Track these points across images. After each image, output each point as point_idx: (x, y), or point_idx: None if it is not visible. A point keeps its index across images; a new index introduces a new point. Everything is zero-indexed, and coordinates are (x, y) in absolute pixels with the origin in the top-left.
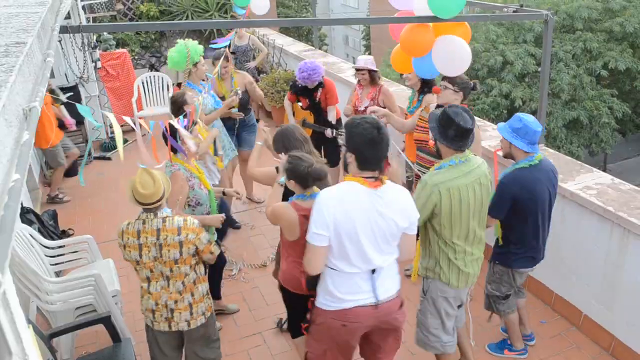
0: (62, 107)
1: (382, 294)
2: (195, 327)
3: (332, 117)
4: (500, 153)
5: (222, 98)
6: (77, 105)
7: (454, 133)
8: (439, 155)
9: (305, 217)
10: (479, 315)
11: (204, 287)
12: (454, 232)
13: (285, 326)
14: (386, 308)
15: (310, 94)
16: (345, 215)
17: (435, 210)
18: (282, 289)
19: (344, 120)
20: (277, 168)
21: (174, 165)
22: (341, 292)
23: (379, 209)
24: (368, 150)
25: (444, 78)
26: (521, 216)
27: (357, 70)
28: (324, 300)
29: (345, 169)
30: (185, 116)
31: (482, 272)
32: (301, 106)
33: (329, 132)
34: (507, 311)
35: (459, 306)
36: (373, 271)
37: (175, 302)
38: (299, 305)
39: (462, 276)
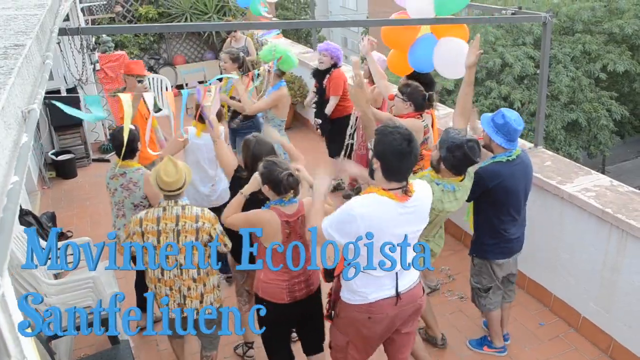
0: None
1: (402, 286)
2: (206, 317)
3: (328, 109)
4: (482, 142)
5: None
6: (86, 97)
7: (459, 161)
8: (436, 170)
9: (286, 222)
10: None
11: (215, 278)
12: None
13: (240, 350)
14: (408, 297)
15: (321, 79)
16: (378, 231)
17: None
18: (259, 303)
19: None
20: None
21: (140, 169)
22: (365, 290)
23: (407, 221)
24: (396, 161)
25: (398, 87)
26: (495, 208)
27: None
28: (348, 295)
29: (371, 175)
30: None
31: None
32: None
33: (312, 122)
34: (490, 307)
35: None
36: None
37: (188, 288)
38: (279, 316)
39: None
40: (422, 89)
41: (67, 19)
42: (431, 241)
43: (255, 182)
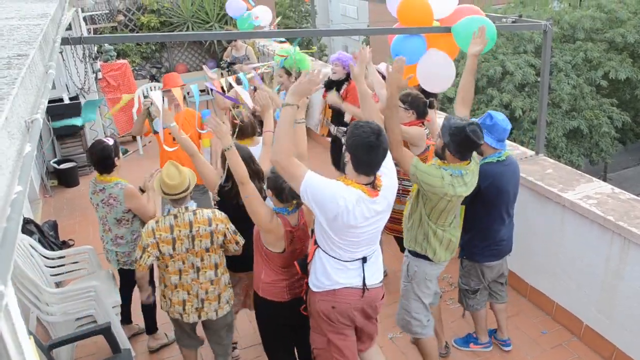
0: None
1: (369, 279)
2: (223, 315)
3: (347, 117)
4: None
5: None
6: (86, 102)
7: (462, 146)
8: (440, 157)
9: (290, 232)
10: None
11: (226, 277)
12: (439, 220)
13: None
14: (373, 294)
15: (337, 89)
16: (348, 224)
17: (431, 199)
18: (259, 303)
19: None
20: None
21: (118, 184)
22: (334, 274)
23: (376, 215)
24: (364, 155)
25: (402, 95)
26: (486, 209)
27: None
28: (315, 282)
29: (342, 169)
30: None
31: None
32: (328, 104)
33: (332, 129)
34: (477, 307)
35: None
36: (364, 260)
37: (206, 292)
38: (279, 316)
39: (450, 247)
40: (422, 96)
41: (69, 28)
42: (447, 231)
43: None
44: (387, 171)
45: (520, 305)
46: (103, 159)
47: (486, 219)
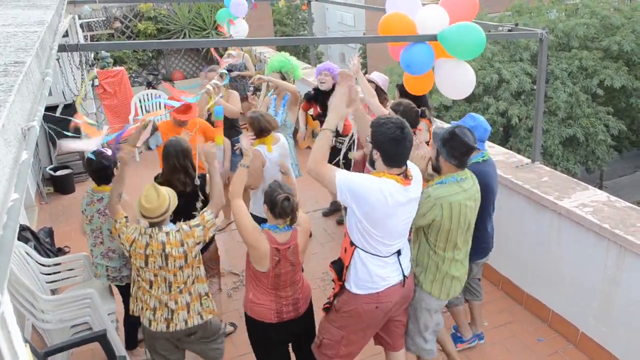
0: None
1: (406, 269)
2: (192, 325)
3: (340, 126)
4: None
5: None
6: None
7: (457, 150)
8: (437, 171)
9: (277, 250)
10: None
11: (201, 287)
12: (448, 244)
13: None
14: (409, 283)
15: (325, 99)
16: (387, 213)
17: (435, 223)
18: (249, 322)
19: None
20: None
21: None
22: (376, 275)
23: (409, 203)
24: (392, 148)
25: (391, 107)
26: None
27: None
28: (358, 282)
29: (372, 165)
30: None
31: None
32: (311, 115)
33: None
34: (457, 303)
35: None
36: (399, 252)
37: (176, 302)
38: (270, 335)
39: (445, 285)
40: (413, 106)
41: (66, 35)
42: (449, 264)
43: (257, 156)
44: (412, 165)
45: (516, 313)
46: (102, 169)
47: (478, 218)
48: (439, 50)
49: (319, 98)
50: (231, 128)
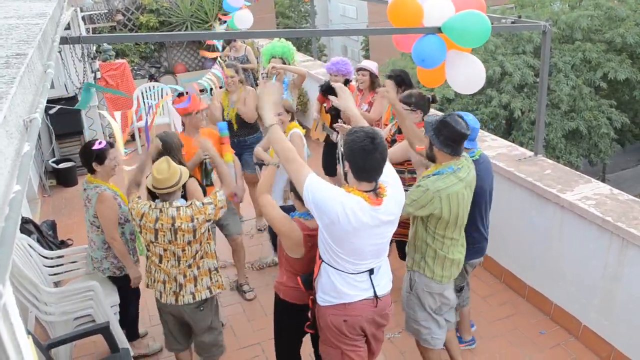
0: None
1: (380, 290)
2: (200, 299)
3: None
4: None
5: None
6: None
7: (450, 138)
8: (432, 160)
9: (309, 236)
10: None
11: (210, 262)
12: (447, 232)
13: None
14: (383, 303)
15: (336, 94)
16: (351, 232)
17: (434, 214)
18: (279, 304)
19: None
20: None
21: (98, 187)
22: (343, 288)
23: (379, 225)
24: (361, 160)
25: (401, 99)
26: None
27: (358, 70)
28: (324, 296)
29: (345, 178)
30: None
31: None
32: (325, 108)
33: (334, 136)
34: (463, 304)
35: (450, 307)
36: (371, 271)
37: (184, 275)
38: (299, 319)
39: (446, 268)
40: (424, 94)
41: (68, 27)
42: (448, 251)
43: (270, 173)
44: (392, 181)
45: (519, 306)
46: (85, 160)
47: (470, 219)
48: (449, 41)
49: (330, 92)
50: (247, 126)
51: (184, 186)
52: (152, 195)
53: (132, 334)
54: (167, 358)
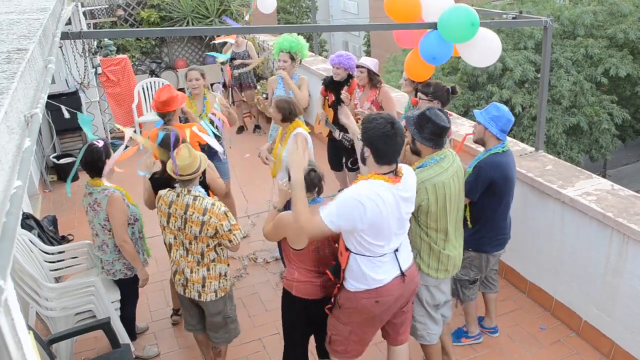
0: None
1: (404, 264)
2: (206, 301)
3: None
4: (472, 137)
5: (186, 120)
6: (78, 114)
7: (431, 132)
8: (417, 154)
9: None
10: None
11: (222, 267)
12: (439, 224)
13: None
14: (410, 275)
15: (338, 89)
16: (380, 215)
17: (422, 206)
18: (292, 303)
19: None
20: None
21: (106, 190)
22: (371, 273)
23: (400, 201)
24: (383, 145)
25: (419, 90)
26: (495, 198)
27: (357, 67)
28: (356, 284)
29: (364, 163)
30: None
31: None
32: (328, 102)
33: (337, 134)
34: (472, 297)
35: (446, 302)
36: (396, 250)
37: (191, 271)
38: (312, 312)
39: (442, 262)
40: (443, 84)
41: (69, 22)
42: (442, 247)
43: (283, 193)
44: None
45: (520, 302)
46: (92, 162)
47: (495, 209)
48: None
49: (333, 87)
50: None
51: (203, 173)
52: (154, 187)
53: (129, 335)
54: (242, 323)
